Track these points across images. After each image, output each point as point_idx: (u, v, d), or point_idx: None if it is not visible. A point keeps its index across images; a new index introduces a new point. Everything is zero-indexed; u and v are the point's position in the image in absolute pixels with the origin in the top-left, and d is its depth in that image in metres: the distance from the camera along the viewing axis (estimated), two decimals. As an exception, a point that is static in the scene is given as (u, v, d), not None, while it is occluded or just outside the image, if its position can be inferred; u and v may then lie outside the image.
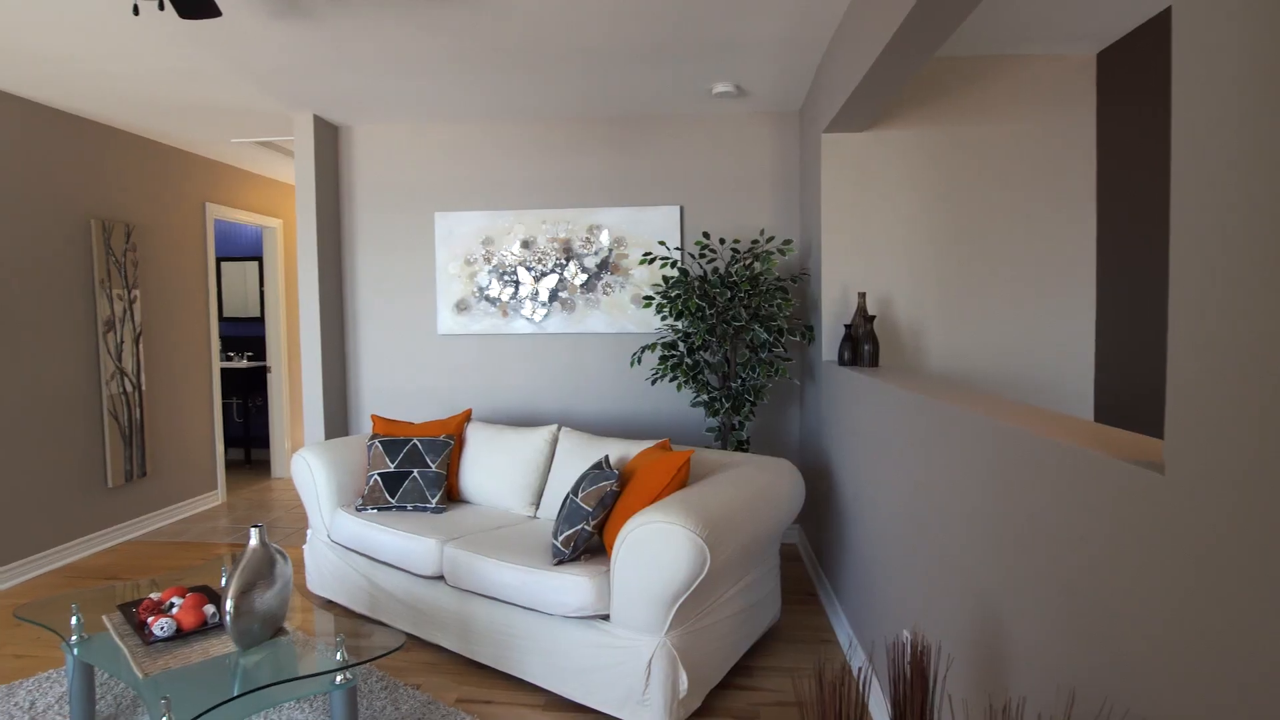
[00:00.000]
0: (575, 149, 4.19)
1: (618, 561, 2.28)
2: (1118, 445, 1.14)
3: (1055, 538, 1.22)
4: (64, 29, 2.91)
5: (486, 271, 4.23)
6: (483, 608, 2.68)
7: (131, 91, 3.69)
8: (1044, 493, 1.26)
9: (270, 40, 3.04)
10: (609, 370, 4.20)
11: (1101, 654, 1.07)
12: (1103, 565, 1.07)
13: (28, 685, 2.66)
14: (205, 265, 5.17)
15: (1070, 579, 1.17)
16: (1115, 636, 1.04)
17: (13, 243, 3.73)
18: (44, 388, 3.89)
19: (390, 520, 3.05)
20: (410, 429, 3.49)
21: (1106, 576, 1.06)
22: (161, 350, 4.74)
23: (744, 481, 2.61)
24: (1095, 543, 1.09)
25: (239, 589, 1.94)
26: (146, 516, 4.59)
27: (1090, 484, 1.11)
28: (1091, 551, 1.10)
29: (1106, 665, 1.06)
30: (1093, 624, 1.10)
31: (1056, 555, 1.21)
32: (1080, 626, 1.14)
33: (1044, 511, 1.26)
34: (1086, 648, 1.12)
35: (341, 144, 4.38)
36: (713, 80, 3.56)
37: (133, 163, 4.52)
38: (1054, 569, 1.22)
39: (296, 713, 2.45)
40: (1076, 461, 1.15)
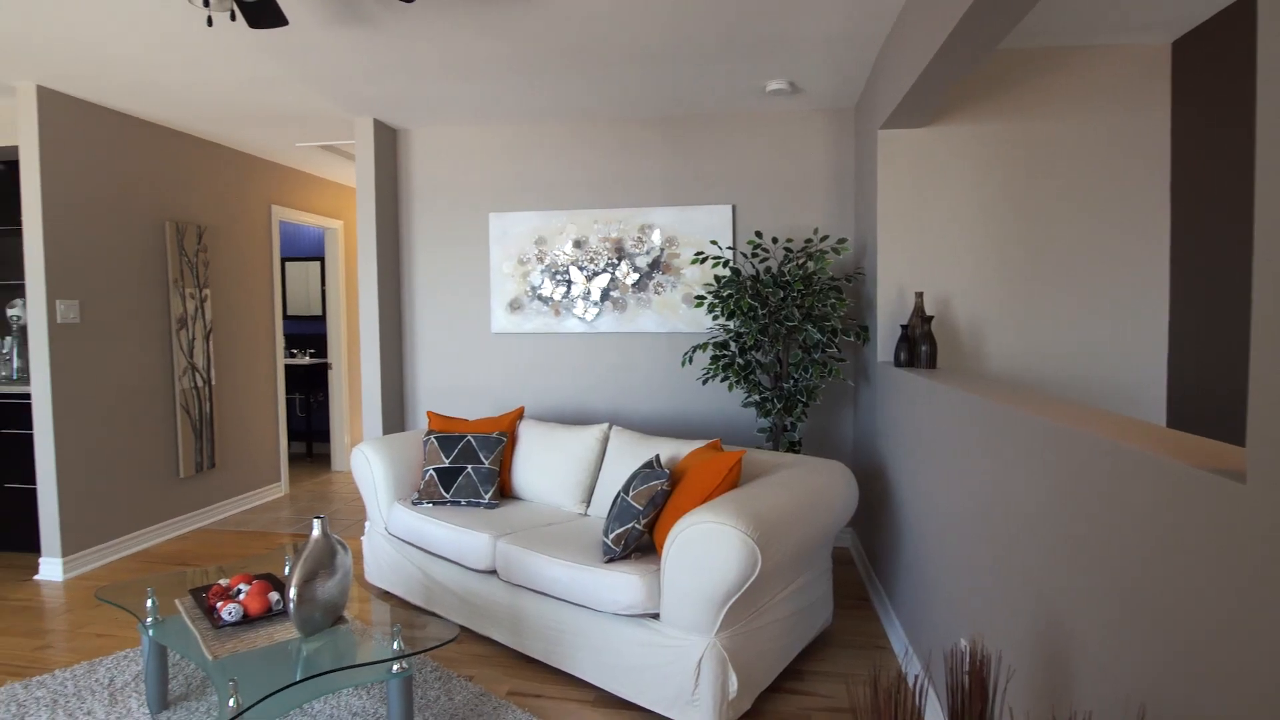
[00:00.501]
0: (627, 149, 4.21)
1: (668, 560, 2.29)
2: (1194, 453, 1.09)
3: (1125, 546, 1.17)
4: (143, 43, 3.05)
5: (539, 271, 4.29)
6: (534, 603, 2.71)
7: (204, 100, 3.86)
8: (1114, 500, 1.21)
9: (333, 47, 3.14)
10: (659, 370, 4.21)
11: (1173, 668, 1.03)
12: (1177, 576, 1.02)
13: (107, 663, 2.80)
14: (271, 265, 5.36)
15: (1141, 589, 1.12)
16: (1189, 650, 0.99)
17: (98, 244, 3.94)
18: (124, 382, 4.10)
19: (445, 514, 3.11)
20: (464, 425, 3.55)
21: (1181, 588, 1.01)
22: (229, 347, 4.94)
23: (796, 483, 2.59)
24: (1169, 553, 1.04)
25: (302, 578, 2.01)
26: (214, 506, 4.79)
27: (1165, 492, 1.06)
28: (1165, 562, 1.05)
29: (1178, 680, 1.01)
30: (1164, 636, 1.05)
31: (1126, 564, 1.16)
32: (1151, 639, 1.09)
33: (1114, 519, 1.21)
34: (1157, 661, 1.07)
35: (400, 147, 4.49)
36: (766, 78, 3.53)
37: (204, 167, 4.73)
38: (1123, 578, 1.17)
39: (355, 699, 2.52)
40: (1150, 469, 1.10)
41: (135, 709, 2.47)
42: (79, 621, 3.23)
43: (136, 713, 2.45)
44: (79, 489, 3.84)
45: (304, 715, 2.43)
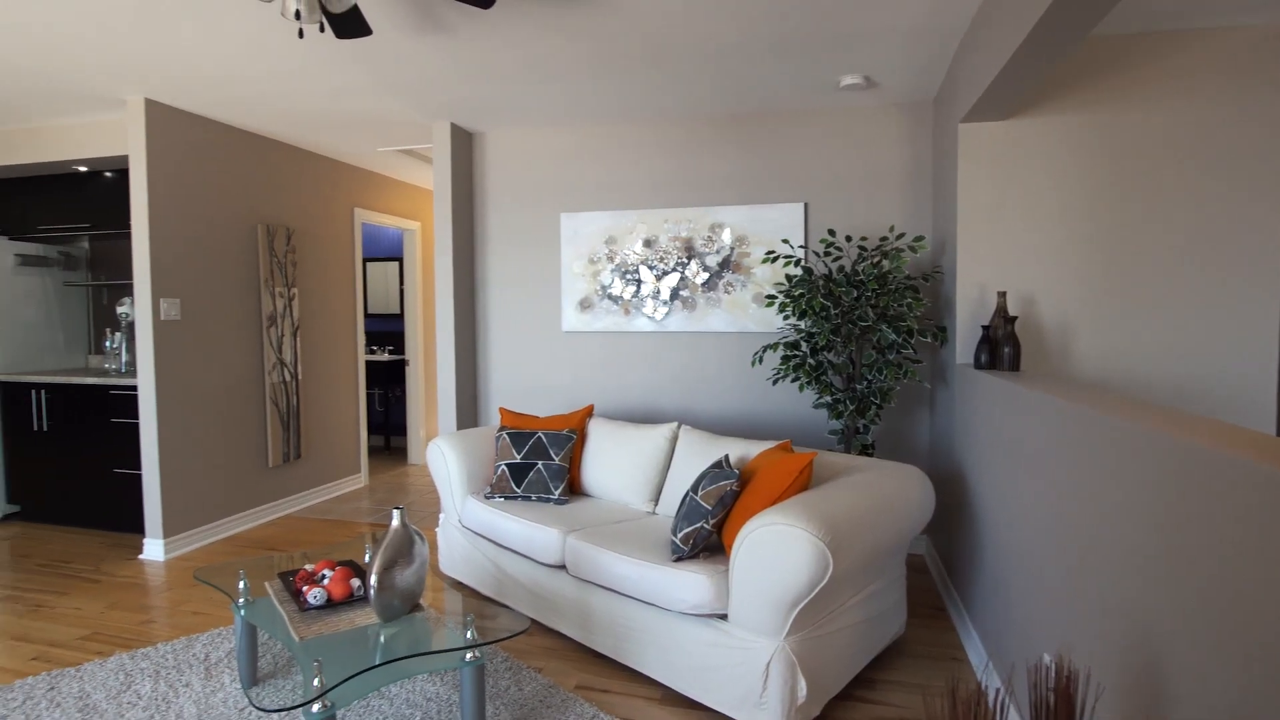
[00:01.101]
0: (698, 148, 4.20)
1: (737, 561, 2.27)
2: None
3: (1229, 562, 1.09)
4: (239, 57, 3.23)
5: (609, 270, 4.32)
6: (602, 598, 2.73)
7: (293, 108, 4.05)
8: (1220, 514, 1.13)
9: (413, 55, 3.24)
10: (729, 369, 4.18)
11: (1278, 690, 0.95)
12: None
13: (203, 639, 2.98)
14: (353, 265, 5.59)
15: (1244, 608, 1.05)
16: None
17: (197, 246, 4.19)
18: (219, 376, 4.35)
19: (516, 509, 3.18)
20: (535, 422, 3.62)
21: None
22: (315, 343, 5.17)
23: (869, 487, 2.53)
24: (1277, 570, 0.97)
25: (382, 566, 2.09)
26: (299, 495, 5.03)
27: (1276, 506, 0.99)
28: (1271, 580, 0.98)
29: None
30: (1269, 657, 0.98)
31: (1230, 582, 1.09)
32: (1256, 661, 1.01)
33: (1218, 534, 1.13)
34: (1263, 685, 1.00)
35: (475, 150, 4.60)
36: (841, 73, 3.46)
37: (293, 172, 4.96)
38: (1226, 596, 1.10)
39: (429, 685, 2.60)
40: (1259, 481, 1.02)
41: (228, 684, 2.62)
42: (178, 599, 3.44)
43: (229, 687, 2.59)
44: (179, 475, 4.10)
45: (381, 698, 2.52)
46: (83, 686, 2.61)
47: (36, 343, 4.93)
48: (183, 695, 2.54)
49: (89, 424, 4.44)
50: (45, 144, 4.47)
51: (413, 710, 2.44)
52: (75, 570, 3.84)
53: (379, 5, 2.75)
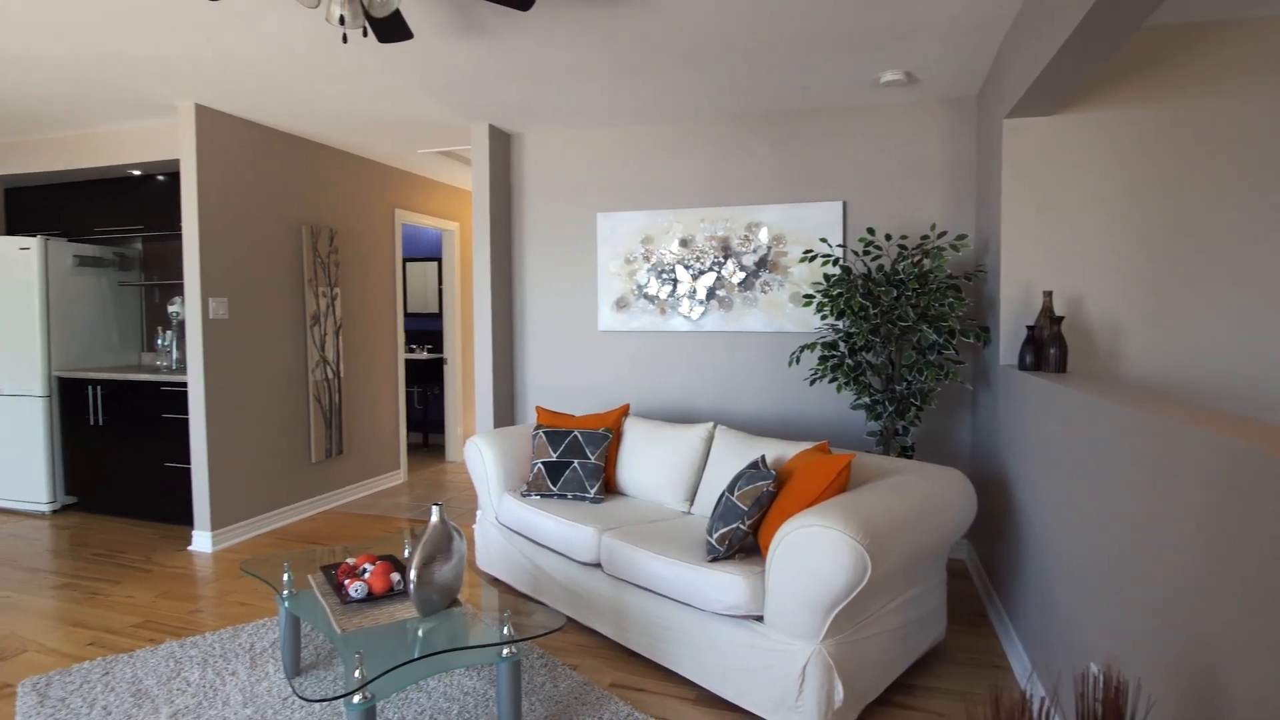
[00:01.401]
0: (735, 146, 4.17)
1: (773, 563, 2.25)
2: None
3: (1296, 573, 1.05)
4: (283, 62, 3.30)
5: (645, 270, 4.32)
6: (637, 597, 2.74)
7: (336, 111, 4.13)
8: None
9: (452, 58, 3.28)
10: (765, 369, 4.15)
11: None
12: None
13: (249, 629, 3.06)
14: (394, 265, 5.68)
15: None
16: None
17: (244, 247, 4.30)
18: (265, 373, 4.46)
19: (552, 507, 3.20)
20: (571, 421, 3.64)
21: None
22: (356, 342, 5.27)
23: (909, 490, 2.48)
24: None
25: (421, 561, 2.12)
26: (341, 490, 5.13)
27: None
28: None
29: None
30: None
31: (1297, 593, 1.05)
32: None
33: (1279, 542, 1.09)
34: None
35: (513, 150, 4.64)
36: (881, 69, 3.41)
37: (335, 174, 5.07)
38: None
39: (466, 679, 2.63)
40: (1328, 486, 0.98)
41: (272, 673, 2.69)
42: (224, 590, 3.54)
43: (273, 676, 2.66)
44: (226, 470, 4.21)
45: (420, 691, 2.56)
46: (135, 672, 2.70)
47: (93, 340, 5.12)
48: (229, 683, 2.61)
49: (142, 419, 4.59)
50: (101, 149, 4.63)
51: (450, 704, 2.48)
52: (128, 560, 3.97)
53: (420, 9, 2.79)
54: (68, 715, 2.42)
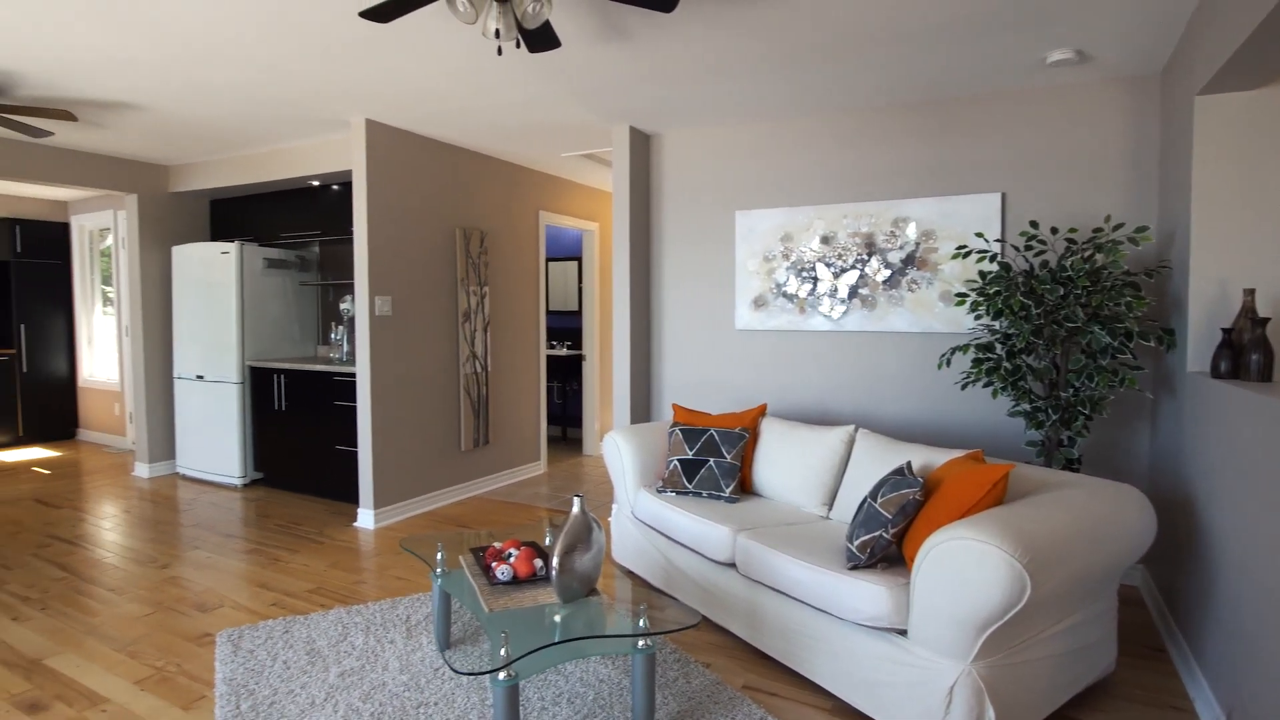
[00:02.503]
0: (880, 139, 4.00)
1: (919, 575, 2.14)
2: None
3: None
4: (441, 76, 3.53)
5: (785, 268, 4.24)
6: (772, 600, 2.70)
7: (488, 120, 4.37)
8: None
9: (596, 63, 3.37)
10: (911, 372, 3.95)
11: None
12: None
13: (405, 602, 3.30)
14: (537, 265, 5.93)
15: None
16: None
17: (405, 249, 4.65)
18: (421, 366, 4.80)
19: (687, 504, 3.22)
20: (708, 419, 3.64)
21: None
22: (502, 338, 5.56)
23: (1075, 506, 2.28)
24: None
25: (563, 549, 2.20)
26: (486, 478, 5.43)
27: None
28: None
29: None
30: None
31: None
32: None
33: None
34: None
35: (653, 151, 4.70)
36: (1048, 48, 3.15)
37: (486, 179, 5.36)
38: None
39: (601, 667, 2.70)
40: None
41: (425, 644, 2.88)
42: (384, 564, 3.84)
43: (426, 647, 2.86)
44: (387, 454, 4.57)
45: (558, 674, 2.66)
46: (309, 633, 2.99)
47: (278, 334, 5.72)
48: (388, 650, 2.83)
49: (317, 406, 5.08)
50: (286, 163, 5.16)
51: (586, 689, 2.55)
52: (304, 532, 4.41)
53: (566, 18, 2.89)
54: (254, 665, 2.72)
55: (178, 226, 6.04)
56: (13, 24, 2.95)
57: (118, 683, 2.64)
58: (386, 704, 2.45)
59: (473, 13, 2.32)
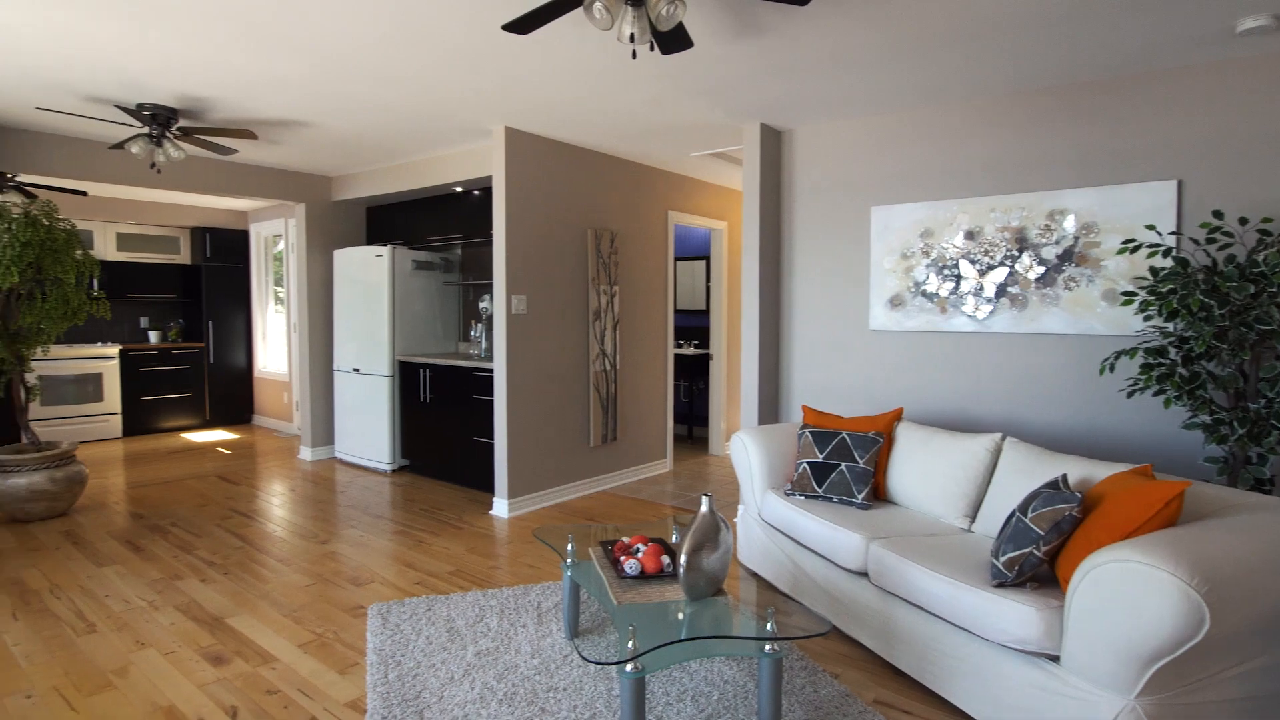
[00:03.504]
0: (1032, 125, 3.71)
1: (1075, 598, 1.97)
2: None
3: None
4: (574, 81, 3.63)
5: (924, 266, 4.04)
6: (906, 613, 2.58)
7: (619, 123, 4.45)
8: None
9: (727, 60, 3.35)
10: (1067, 377, 3.64)
11: None
12: None
13: (536, 590, 3.43)
14: (666, 265, 5.98)
15: None
16: None
17: (539, 250, 4.83)
18: (553, 363, 4.97)
19: (816, 509, 3.13)
20: (839, 422, 3.53)
21: None
22: (631, 336, 5.65)
23: (1265, 532, 2.02)
24: None
25: (691, 547, 2.20)
26: (613, 474, 5.54)
27: None
28: None
29: None
30: None
31: None
32: None
33: None
34: None
35: (784, 147, 4.62)
36: (1238, 15, 2.80)
37: (615, 180, 5.46)
38: None
39: (726, 668, 2.69)
40: None
41: (555, 630, 2.99)
42: (517, 552, 4.01)
43: (555, 634, 2.95)
44: (521, 446, 4.77)
45: (682, 670, 2.67)
46: (449, 612, 3.17)
47: (424, 331, 6.11)
48: (520, 634, 2.96)
49: (457, 399, 5.38)
50: (433, 171, 5.50)
51: (710, 689, 2.55)
52: (444, 517, 4.68)
53: (698, 17, 2.88)
54: (400, 638, 2.92)
55: (339, 232, 6.60)
56: (208, 58, 3.33)
57: (284, 644, 2.92)
58: (519, 685, 2.56)
59: (608, 19, 2.37)
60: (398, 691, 2.52)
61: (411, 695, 2.50)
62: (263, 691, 2.56)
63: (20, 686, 2.58)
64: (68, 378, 7.06)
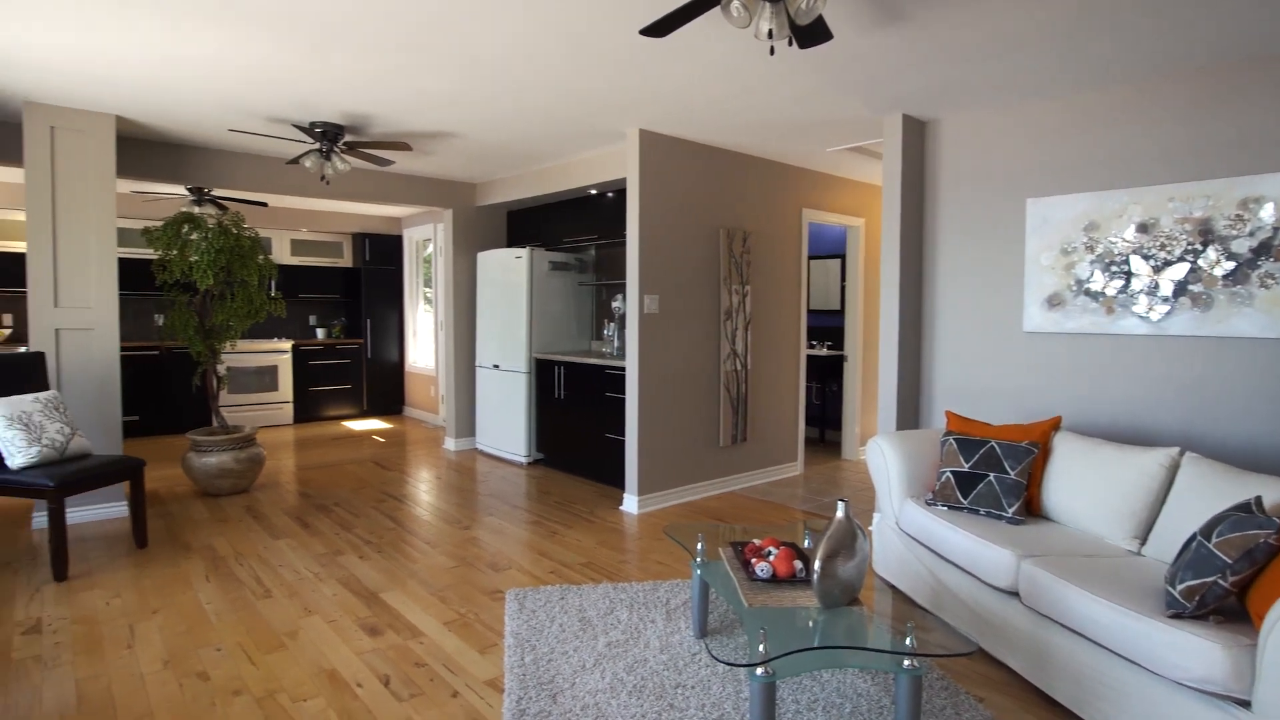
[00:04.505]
0: (1219, 102, 3.30)
1: (1272, 638, 1.74)
2: None
3: None
4: (709, 81, 3.62)
5: (1088, 262, 3.70)
6: (1063, 639, 2.38)
7: (753, 121, 4.40)
8: None
9: (868, 51, 3.22)
10: (1262, 386, 3.22)
11: None
12: None
13: (665, 586, 3.46)
14: (799, 263, 5.85)
15: None
16: None
17: (672, 250, 4.87)
18: (684, 363, 5.00)
19: (961, 521, 2.96)
20: (987, 430, 3.31)
21: None
22: (762, 336, 5.57)
23: None
24: None
25: (825, 554, 2.14)
26: (742, 475, 5.49)
27: None
28: None
29: None
30: None
31: None
32: None
33: None
34: None
35: (928, 139, 4.39)
36: None
37: (748, 179, 5.41)
38: None
39: (859, 680, 2.59)
40: None
41: (683, 628, 3.00)
42: (646, 548, 4.06)
43: (684, 631, 2.97)
44: (651, 444, 4.83)
45: (813, 679, 2.60)
46: (581, 602, 3.26)
47: (559, 330, 6.33)
48: (649, 629, 2.99)
49: (590, 396, 5.53)
50: (569, 174, 5.68)
51: (843, 701, 2.47)
52: (577, 510, 4.82)
53: (837, 7, 2.79)
54: (535, 624, 3.04)
55: (482, 235, 6.96)
56: (372, 76, 3.61)
57: (431, 621, 3.11)
58: (648, 679, 2.59)
59: (746, 16, 2.35)
60: (533, 674, 2.63)
61: (546, 679, 2.60)
62: (411, 663, 2.75)
63: (211, 640, 2.92)
64: (249, 369, 7.91)
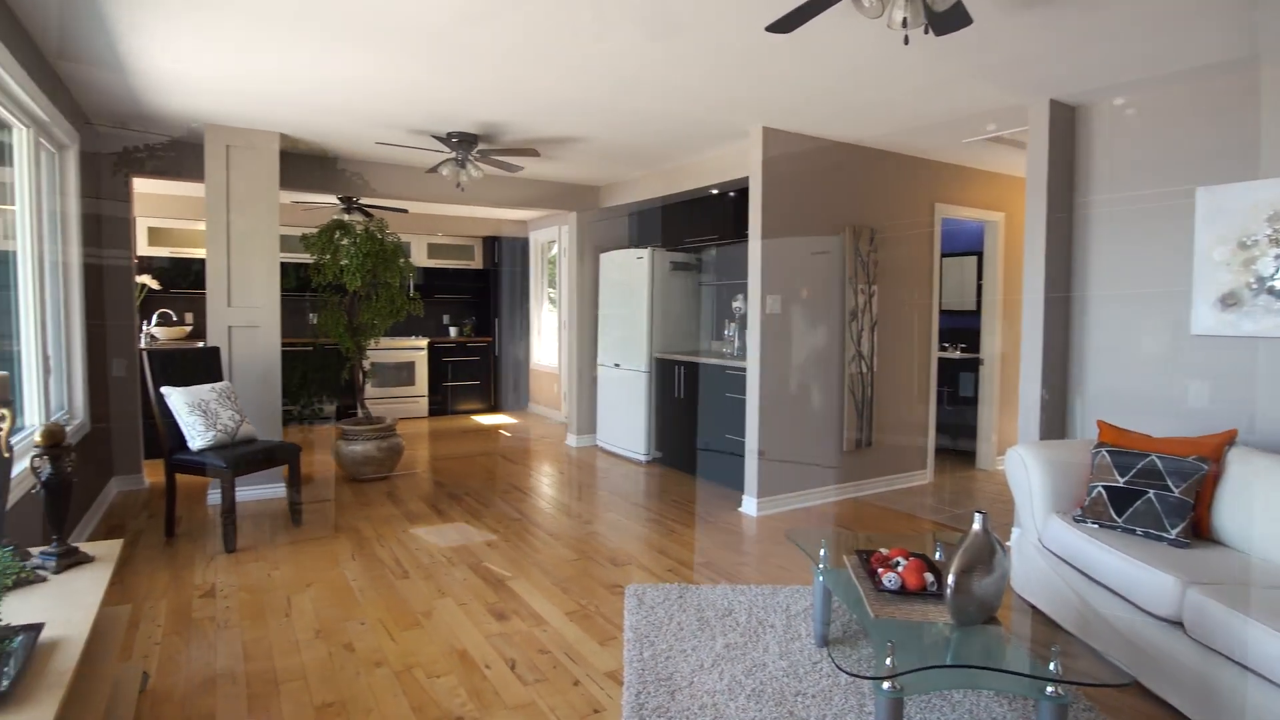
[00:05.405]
0: None
1: None
2: None
3: None
4: (837, 75, 3.52)
5: (1272, 257, 3.28)
6: (1237, 677, 2.13)
7: (882, 114, 4.23)
8: None
9: (1010, 34, 3.02)
10: None
11: None
12: None
13: (785, 591, 3.40)
14: (931, 262, 5.57)
15: None
16: None
17: (799, 249, 4.78)
18: (807, 364, 4.89)
19: (1114, 541, 2.71)
20: (1147, 443, 3.02)
21: None
22: (890, 338, 5.35)
23: None
24: None
25: (960, 567, 2.03)
26: (867, 481, 5.29)
27: None
28: None
29: None
30: None
31: None
32: None
33: None
34: None
35: (1078, 124, 4.05)
36: None
37: (876, 174, 5.20)
38: None
39: (995, 704, 2.43)
40: None
41: (803, 635, 2.93)
42: (765, 552, 4.01)
43: (804, 639, 2.90)
44: (771, 446, 4.76)
45: (943, 699, 2.47)
46: (699, 601, 3.26)
47: (679, 330, 6.36)
48: (768, 634, 2.95)
49: (709, 396, 5.52)
50: (691, 174, 5.69)
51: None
52: (694, 510, 4.83)
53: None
54: (654, 620, 3.07)
55: (605, 236, 7.11)
56: (502, 85, 3.78)
57: (554, 610, 3.22)
58: (766, 684, 2.55)
59: (879, 6, 2.27)
60: (651, 670, 2.65)
61: (664, 676, 2.61)
62: (535, 650, 2.85)
63: (356, 614, 3.15)
64: (390, 365, 8.47)
